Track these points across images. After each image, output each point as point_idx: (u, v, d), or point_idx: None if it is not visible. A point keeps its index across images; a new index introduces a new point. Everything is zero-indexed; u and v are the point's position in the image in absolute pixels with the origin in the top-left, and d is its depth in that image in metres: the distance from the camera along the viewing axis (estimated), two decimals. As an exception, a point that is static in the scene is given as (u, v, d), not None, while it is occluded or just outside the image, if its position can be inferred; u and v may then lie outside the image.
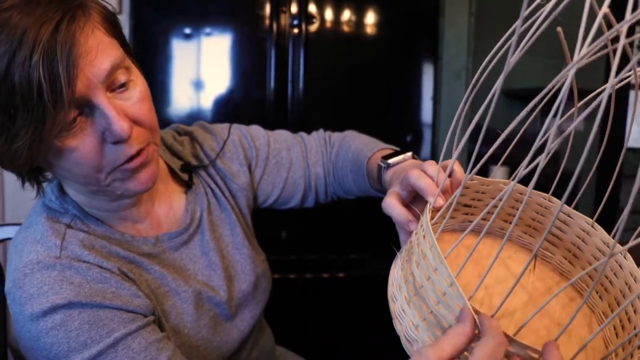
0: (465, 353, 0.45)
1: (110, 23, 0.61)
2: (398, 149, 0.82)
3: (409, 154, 0.74)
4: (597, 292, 0.60)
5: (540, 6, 0.42)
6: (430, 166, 0.59)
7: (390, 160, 0.73)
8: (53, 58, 0.52)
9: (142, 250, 0.70)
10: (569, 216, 0.60)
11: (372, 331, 1.69)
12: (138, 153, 0.62)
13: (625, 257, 0.55)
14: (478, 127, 0.49)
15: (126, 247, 0.68)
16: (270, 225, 1.85)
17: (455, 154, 0.54)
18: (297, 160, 0.90)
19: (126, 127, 0.58)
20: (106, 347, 0.59)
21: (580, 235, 0.60)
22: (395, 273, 0.58)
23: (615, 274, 0.57)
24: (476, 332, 0.43)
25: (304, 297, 1.88)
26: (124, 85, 0.60)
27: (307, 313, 1.87)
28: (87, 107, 0.57)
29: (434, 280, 0.47)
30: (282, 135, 0.92)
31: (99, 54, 0.57)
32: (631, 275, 0.55)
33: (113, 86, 0.59)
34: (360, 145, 0.86)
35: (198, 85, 1.81)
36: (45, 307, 0.58)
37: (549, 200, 0.60)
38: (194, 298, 0.72)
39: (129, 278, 0.65)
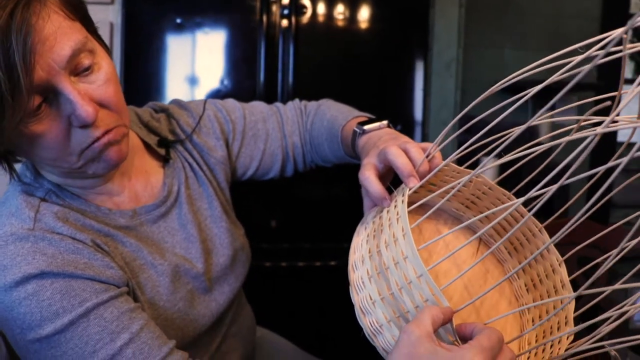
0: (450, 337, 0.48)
1: (71, 5, 0.60)
2: (373, 116, 0.83)
3: (385, 122, 0.76)
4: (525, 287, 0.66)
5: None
6: (413, 148, 0.60)
7: (366, 127, 0.75)
8: (9, 47, 0.52)
9: (119, 223, 0.70)
10: (521, 215, 0.63)
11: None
12: (104, 135, 0.63)
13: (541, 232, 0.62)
14: (468, 118, 0.51)
15: (101, 220, 0.69)
16: (259, 213, 1.86)
17: (438, 146, 0.59)
18: (274, 132, 0.91)
19: (91, 111, 0.59)
20: (78, 316, 0.60)
21: (526, 234, 0.64)
22: (360, 243, 0.60)
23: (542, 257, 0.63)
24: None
25: (295, 285, 1.89)
26: (88, 69, 0.61)
27: (299, 301, 1.88)
28: (51, 93, 0.58)
29: (402, 266, 0.50)
30: (258, 107, 0.93)
31: (59, 39, 0.56)
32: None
33: (77, 70, 0.60)
34: (335, 113, 0.87)
35: (189, 75, 1.82)
36: (18, 277, 0.59)
37: (508, 198, 0.64)
38: (171, 271, 0.73)
39: (103, 250, 0.66)
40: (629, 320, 1.98)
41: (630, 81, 2.66)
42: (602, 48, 0.40)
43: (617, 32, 0.39)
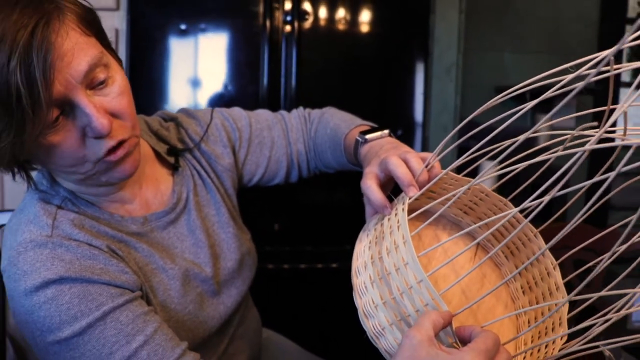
0: (450, 339, 0.50)
1: (87, 22, 0.63)
2: (375, 125, 0.86)
3: (386, 131, 0.79)
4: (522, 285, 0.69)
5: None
6: (413, 158, 0.63)
7: (368, 136, 0.78)
8: (30, 63, 0.54)
9: (131, 230, 0.73)
10: (518, 221, 0.66)
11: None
12: (119, 145, 0.65)
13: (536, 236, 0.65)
14: (469, 125, 0.54)
15: (115, 227, 0.72)
16: (262, 217, 1.89)
17: (437, 157, 0.61)
18: (279, 139, 0.94)
19: (106, 123, 0.62)
20: (95, 319, 0.63)
21: (522, 239, 0.66)
22: (362, 249, 0.62)
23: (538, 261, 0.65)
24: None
25: (298, 287, 1.92)
26: (103, 82, 0.63)
27: (301, 302, 1.91)
28: (67, 106, 0.61)
29: (403, 272, 0.52)
30: (263, 115, 0.96)
31: (76, 55, 0.59)
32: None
33: (92, 84, 0.62)
34: (338, 122, 0.90)
35: (192, 79, 1.85)
36: (38, 282, 0.62)
37: (505, 204, 0.67)
38: (181, 275, 0.75)
39: (117, 255, 0.69)
40: (627, 320, 2.01)
41: (628, 84, 2.69)
42: (594, 66, 0.43)
43: (606, 53, 0.42)
